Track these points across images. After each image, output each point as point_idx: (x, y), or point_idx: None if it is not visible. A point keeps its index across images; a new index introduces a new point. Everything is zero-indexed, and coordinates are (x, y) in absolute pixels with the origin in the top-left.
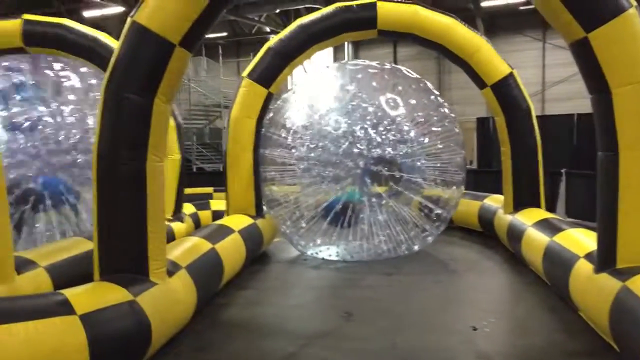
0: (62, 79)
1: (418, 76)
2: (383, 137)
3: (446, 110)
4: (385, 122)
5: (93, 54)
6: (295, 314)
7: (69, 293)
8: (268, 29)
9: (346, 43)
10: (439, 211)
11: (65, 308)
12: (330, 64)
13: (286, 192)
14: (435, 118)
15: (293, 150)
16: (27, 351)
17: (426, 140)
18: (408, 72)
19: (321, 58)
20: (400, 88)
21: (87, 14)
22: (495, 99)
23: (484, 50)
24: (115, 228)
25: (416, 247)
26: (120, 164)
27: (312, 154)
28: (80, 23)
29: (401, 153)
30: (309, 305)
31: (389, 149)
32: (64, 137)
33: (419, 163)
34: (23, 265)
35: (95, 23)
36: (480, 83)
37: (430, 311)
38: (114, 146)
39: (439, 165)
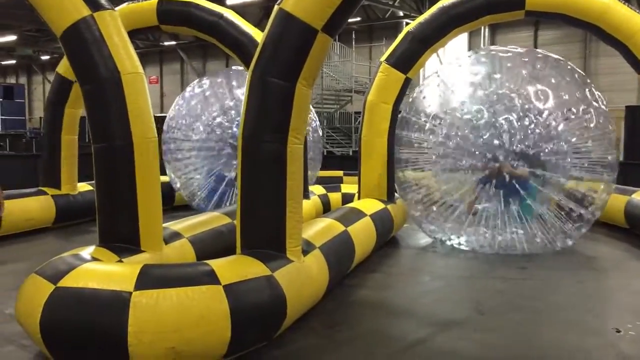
0: None
1: (574, 67)
2: (528, 131)
3: (602, 106)
4: (532, 116)
5: (218, 29)
6: (424, 301)
7: (214, 264)
8: (402, 13)
9: (482, 26)
10: (581, 211)
11: (211, 278)
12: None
13: (420, 177)
14: (587, 116)
15: (430, 136)
16: (177, 314)
17: (574, 139)
18: (562, 61)
19: (455, 44)
20: (553, 80)
21: (230, 1)
22: None
23: None
24: (257, 206)
25: (557, 247)
26: (263, 145)
27: (450, 142)
28: None
29: (546, 150)
30: (438, 293)
31: (533, 145)
32: None
33: (564, 162)
34: (170, 237)
35: (236, 10)
36: (639, 67)
37: (567, 309)
38: (257, 128)
39: (586, 164)
